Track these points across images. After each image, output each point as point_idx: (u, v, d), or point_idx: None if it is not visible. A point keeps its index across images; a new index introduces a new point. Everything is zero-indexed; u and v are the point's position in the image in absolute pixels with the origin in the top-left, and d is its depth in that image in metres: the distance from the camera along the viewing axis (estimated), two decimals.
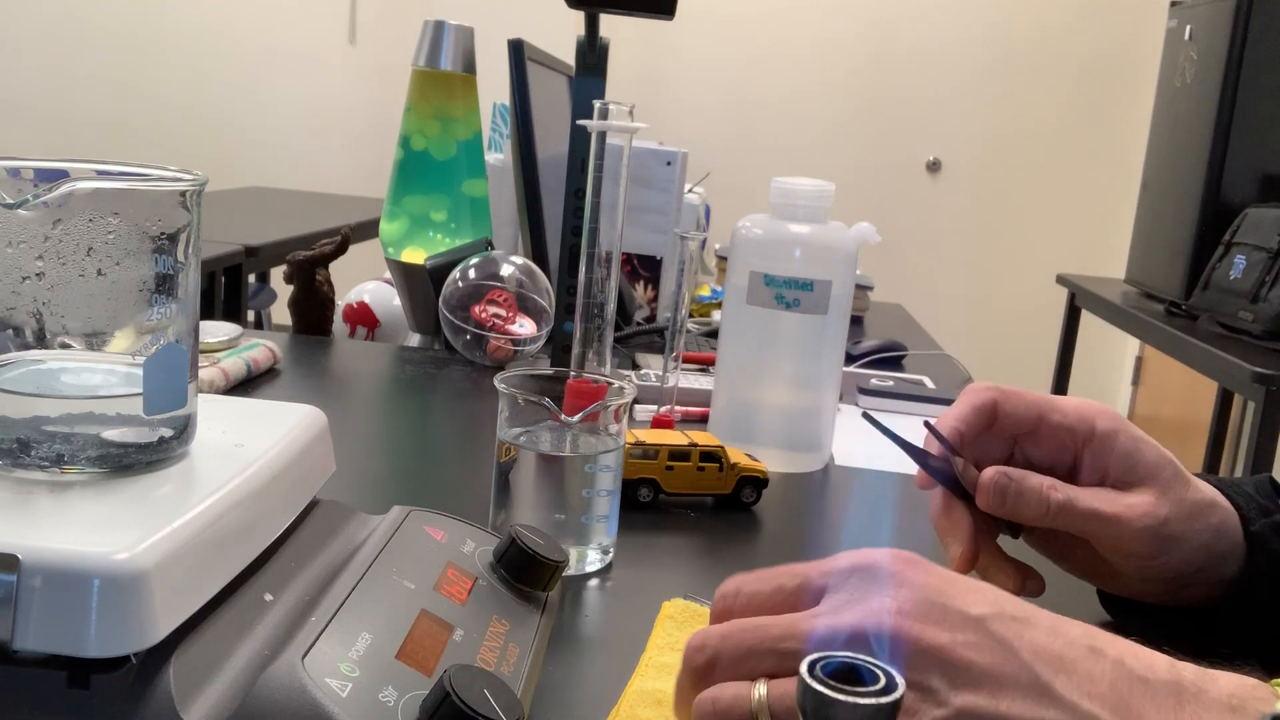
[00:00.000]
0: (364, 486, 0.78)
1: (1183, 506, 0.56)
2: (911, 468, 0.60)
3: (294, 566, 0.47)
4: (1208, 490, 0.58)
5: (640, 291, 1.50)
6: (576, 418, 0.62)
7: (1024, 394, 0.59)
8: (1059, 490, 0.56)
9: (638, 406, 1.00)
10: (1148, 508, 0.55)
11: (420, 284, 1.21)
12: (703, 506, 0.78)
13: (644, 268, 1.50)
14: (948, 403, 1.11)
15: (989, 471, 0.57)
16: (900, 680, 0.31)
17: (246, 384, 0.99)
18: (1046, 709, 0.36)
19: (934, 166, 4.34)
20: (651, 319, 1.49)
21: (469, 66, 1.24)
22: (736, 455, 0.79)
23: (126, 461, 0.44)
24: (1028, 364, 4.05)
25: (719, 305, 1.61)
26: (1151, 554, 0.56)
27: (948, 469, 0.58)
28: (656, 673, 0.52)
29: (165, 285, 0.44)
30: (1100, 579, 0.61)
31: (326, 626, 0.40)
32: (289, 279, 1.24)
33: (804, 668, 0.31)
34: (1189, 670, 0.38)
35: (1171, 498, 0.56)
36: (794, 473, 0.88)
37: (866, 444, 0.96)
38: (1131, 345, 4.18)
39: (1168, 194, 2.82)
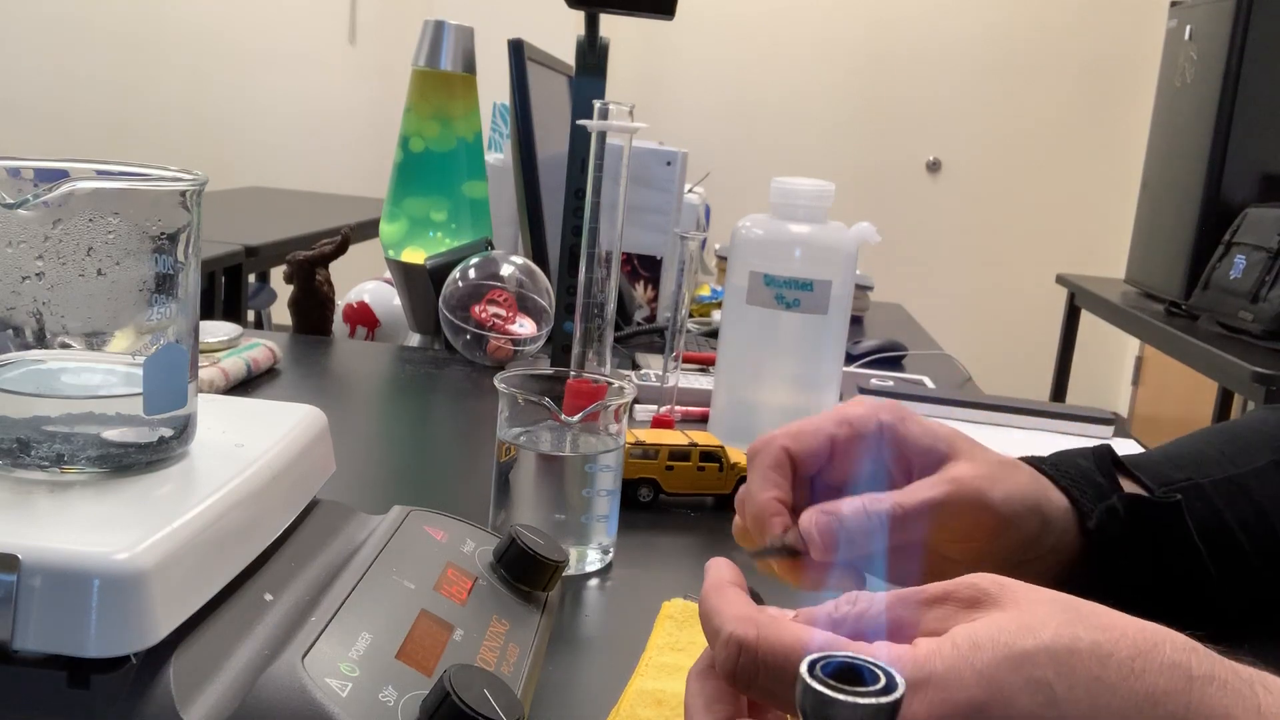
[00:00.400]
0: (364, 486, 0.78)
1: (995, 465, 0.54)
2: None
3: (294, 566, 0.47)
4: (1013, 459, 0.56)
5: (640, 291, 1.50)
6: (576, 418, 0.62)
7: (804, 426, 0.54)
8: (881, 500, 0.50)
9: (638, 406, 1.00)
10: (971, 471, 0.52)
11: (420, 284, 1.21)
12: (703, 506, 0.78)
13: (644, 268, 1.50)
14: (948, 402, 1.12)
15: (805, 516, 0.51)
16: (900, 680, 0.31)
17: (246, 384, 0.99)
18: None
19: (934, 166, 4.34)
20: (651, 319, 1.49)
21: (469, 66, 1.24)
22: (736, 455, 0.79)
23: (126, 461, 0.44)
24: (1028, 364, 4.05)
25: (719, 305, 1.61)
26: (993, 528, 0.53)
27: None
28: (656, 673, 0.52)
29: (165, 285, 0.44)
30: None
31: (326, 626, 0.40)
32: (289, 279, 1.24)
33: (804, 667, 0.31)
34: None
35: (981, 458, 0.53)
36: None
37: None
38: (1131, 345, 4.18)
39: (1168, 194, 2.82)
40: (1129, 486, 0.58)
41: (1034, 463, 0.58)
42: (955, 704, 0.34)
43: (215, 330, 1.02)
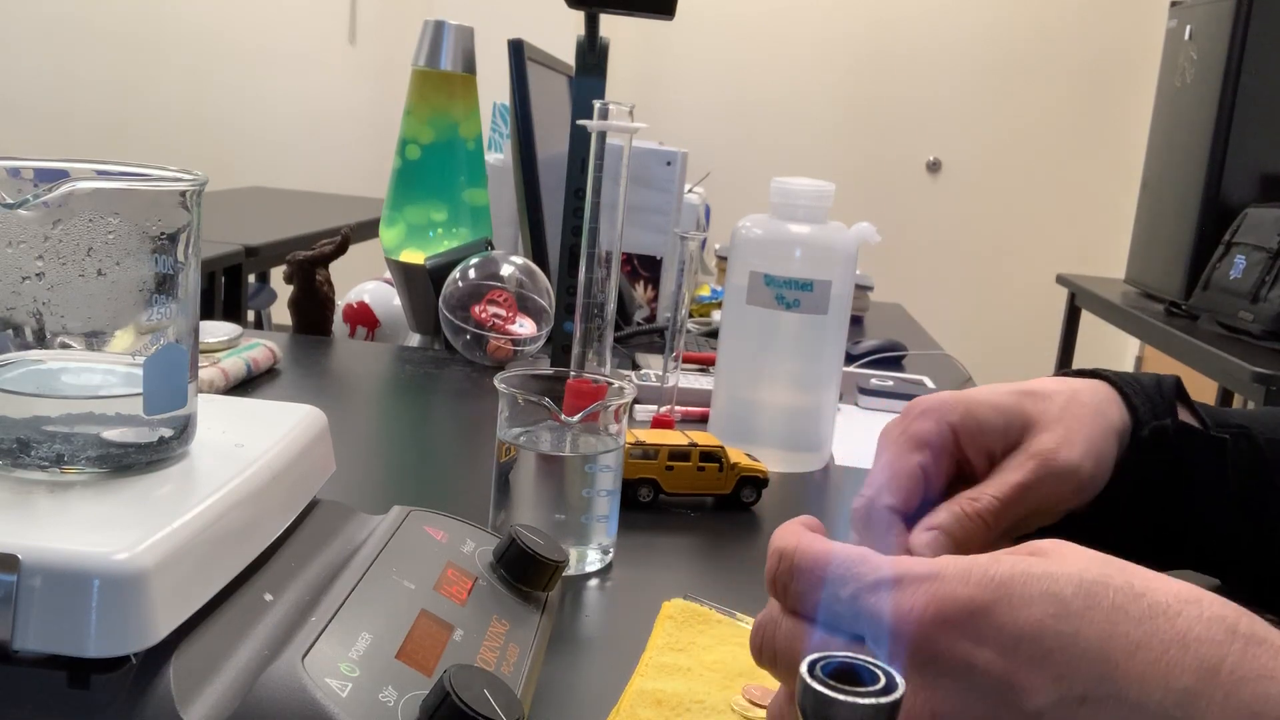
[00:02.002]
0: (364, 486, 0.78)
1: (1070, 421, 0.54)
2: None
3: (294, 566, 0.47)
4: (1079, 384, 0.56)
5: (640, 291, 1.50)
6: (576, 418, 0.62)
7: (892, 474, 0.53)
8: (976, 498, 0.51)
9: (638, 406, 1.00)
10: (1052, 440, 0.52)
11: (420, 284, 1.21)
12: (703, 506, 0.78)
13: (644, 268, 1.50)
14: None
15: (919, 541, 0.51)
16: (900, 680, 0.31)
17: (246, 384, 0.99)
18: None
19: (934, 166, 4.34)
20: (651, 319, 1.49)
21: (469, 66, 1.24)
22: (736, 455, 0.79)
23: (126, 461, 0.44)
24: (1028, 364, 4.05)
25: (719, 305, 1.61)
26: (1080, 485, 0.53)
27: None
28: (656, 673, 0.52)
29: (165, 285, 0.44)
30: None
31: (326, 626, 0.40)
32: (289, 279, 1.24)
33: (804, 668, 0.31)
34: None
35: (1055, 417, 0.54)
36: (794, 473, 0.88)
37: (866, 444, 0.96)
38: (1131, 345, 4.18)
39: (1168, 194, 2.82)
40: (1184, 418, 0.58)
41: (1104, 375, 0.58)
42: (956, 599, 0.34)
43: (215, 330, 1.02)
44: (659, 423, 0.92)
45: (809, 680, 0.30)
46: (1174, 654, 0.32)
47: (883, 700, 0.30)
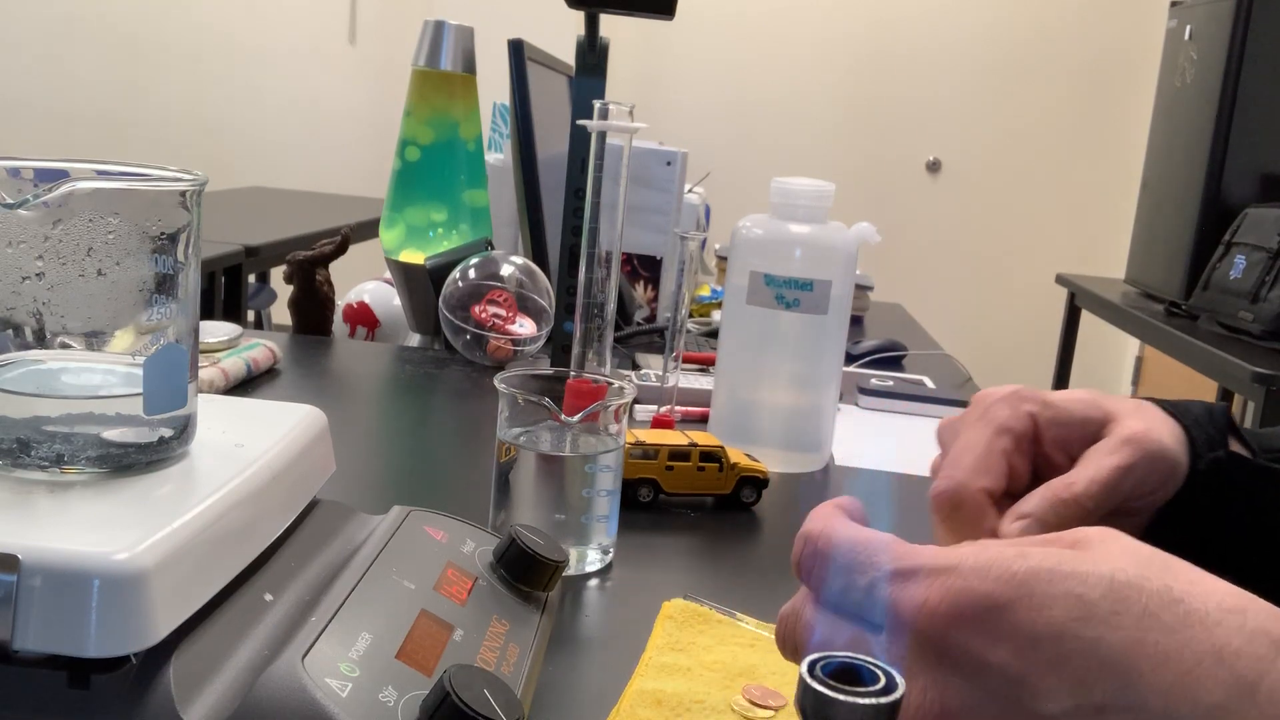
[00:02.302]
0: (364, 486, 0.78)
1: (1147, 412, 0.52)
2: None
3: (294, 566, 0.47)
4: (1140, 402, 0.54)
5: (640, 291, 1.50)
6: (576, 418, 0.62)
7: (977, 458, 0.50)
8: (1072, 483, 0.48)
9: (638, 406, 1.00)
10: (1140, 424, 0.50)
11: (420, 284, 1.21)
12: (703, 506, 0.78)
13: (644, 268, 1.50)
14: (948, 403, 1.12)
15: (1010, 530, 0.48)
16: (900, 680, 0.31)
17: (246, 384, 0.99)
18: None
19: (934, 166, 4.34)
20: (651, 319, 1.49)
21: (469, 66, 1.24)
22: (736, 455, 0.79)
23: (126, 461, 0.44)
24: (1028, 364, 4.05)
25: (719, 305, 1.61)
26: (1166, 474, 0.51)
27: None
28: (656, 673, 0.52)
29: (165, 285, 0.44)
30: None
31: (326, 626, 0.40)
32: (289, 279, 1.24)
33: (804, 668, 0.31)
34: None
35: (1134, 409, 0.52)
36: (794, 473, 0.88)
37: (866, 444, 0.96)
38: (1131, 345, 4.18)
39: (1168, 194, 2.82)
40: (1235, 448, 0.56)
41: (1156, 402, 0.56)
42: (972, 594, 0.32)
43: (215, 330, 1.02)
44: (659, 423, 0.92)
45: (809, 680, 0.30)
46: (1207, 667, 0.30)
47: (883, 700, 0.30)
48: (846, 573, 0.35)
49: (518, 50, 1.19)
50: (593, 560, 0.65)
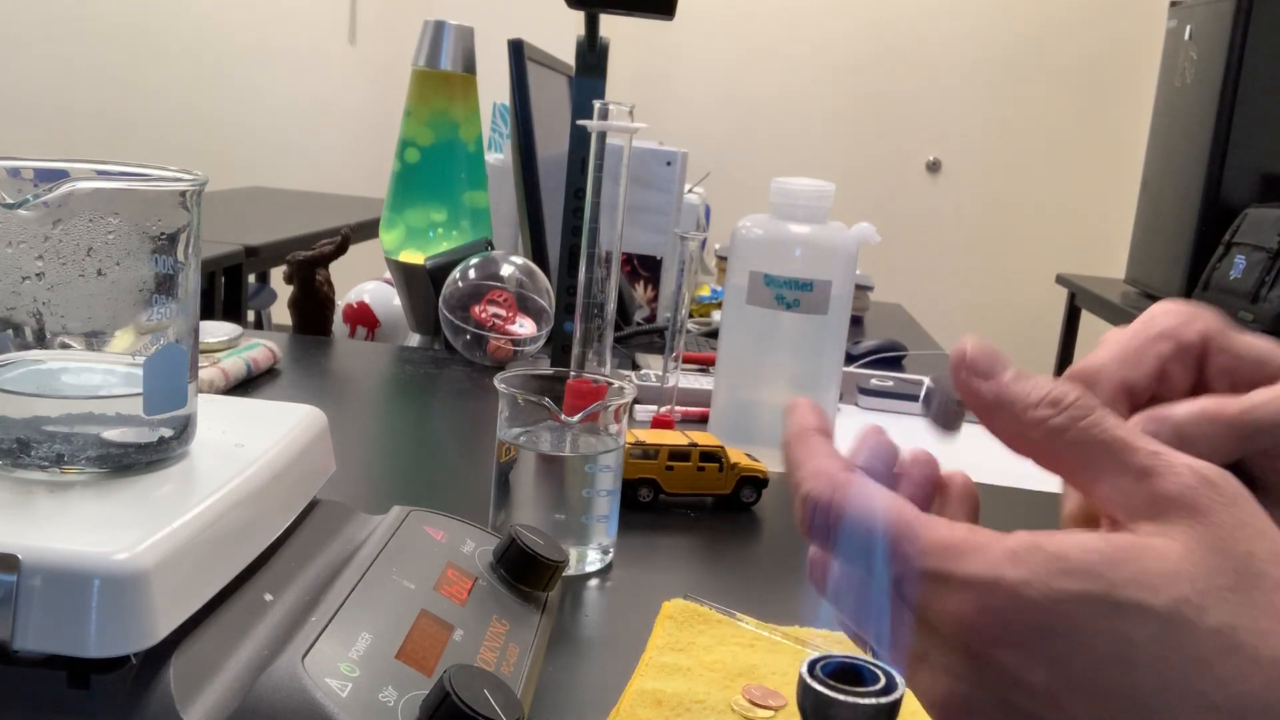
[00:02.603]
0: (364, 486, 0.78)
1: None
2: None
3: (294, 566, 0.47)
4: None
5: (640, 291, 1.50)
6: (576, 418, 0.62)
7: (1127, 349, 0.43)
8: (1228, 405, 0.40)
9: (638, 406, 1.00)
10: None
11: (420, 284, 1.21)
12: (703, 506, 0.78)
13: (644, 268, 1.50)
14: None
15: (1144, 428, 0.39)
16: (900, 680, 0.31)
17: (246, 384, 0.99)
18: None
19: (934, 166, 4.34)
20: (651, 319, 1.49)
21: (469, 66, 1.24)
22: (736, 455, 0.79)
23: (126, 461, 0.44)
24: (1028, 364, 3.96)
25: (719, 305, 1.61)
26: None
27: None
28: (656, 673, 0.52)
29: (165, 285, 0.44)
30: None
31: (326, 626, 0.40)
32: (289, 279, 1.24)
33: (804, 668, 0.31)
34: None
35: None
36: None
37: None
38: None
39: (1168, 194, 2.82)
40: None
41: None
42: (1014, 618, 0.30)
43: (215, 330, 1.02)
44: (659, 423, 0.92)
45: (809, 680, 0.30)
46: None
47: (883, 700, 0.30)
48: (865, 555, 0.32)
49: (518, 50, 1.19)
50: (593, 560, 0.65)
